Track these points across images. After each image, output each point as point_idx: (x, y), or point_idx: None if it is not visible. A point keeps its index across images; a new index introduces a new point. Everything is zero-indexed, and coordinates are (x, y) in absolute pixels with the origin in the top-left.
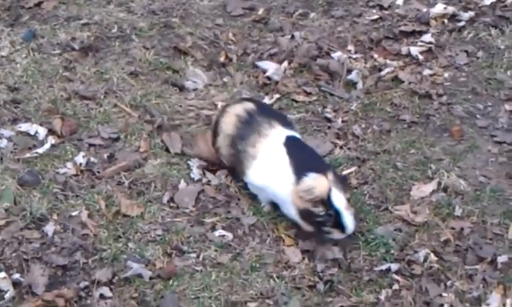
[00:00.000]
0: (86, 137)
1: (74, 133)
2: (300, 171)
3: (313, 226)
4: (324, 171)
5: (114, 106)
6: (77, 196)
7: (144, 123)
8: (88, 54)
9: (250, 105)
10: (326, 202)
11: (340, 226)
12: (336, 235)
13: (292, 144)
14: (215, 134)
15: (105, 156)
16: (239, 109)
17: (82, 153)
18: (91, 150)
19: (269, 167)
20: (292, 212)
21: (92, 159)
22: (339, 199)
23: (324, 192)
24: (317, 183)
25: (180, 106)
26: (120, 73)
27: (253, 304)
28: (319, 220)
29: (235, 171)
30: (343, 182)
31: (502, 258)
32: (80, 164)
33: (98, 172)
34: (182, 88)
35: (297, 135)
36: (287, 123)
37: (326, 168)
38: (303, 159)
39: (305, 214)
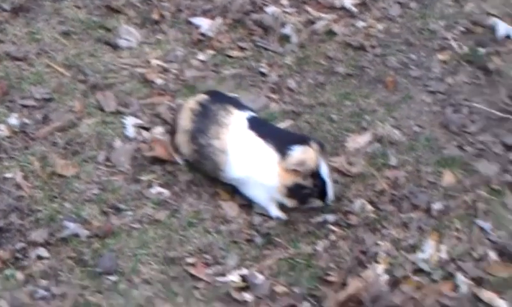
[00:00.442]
0: (19, 98)
1: (6, 95)
2: (282, 147)
3: (298, 199)
4: (307, 141)
5: (47, 66)
6: (11, 157)
7: (77, 82)
8: (18, 14)
9: (202, 97)
10: (315, 173)
11: (323, 195)
12: (317, 203)
13: (257, 125)
14: (173, 132)
15: (38, 117)
16: (192, 103)
17: (15, 115)
18: (24, 111)
19: (246, 156)
20: (275, 194)
21: (25, 120)
22: (325, 169)
23: (314, 162)
24: (307, 154)
25: (114, 65)
26: (52, 33)
27: (192, 259)
28: (307, 193)
29: (203, 168)
30: (324, 149)
31: (436, 206)
32: (14, 126)
33: (32, 133)
34: (115, 47)
35: (254, 114)
36: (241, 105)
37: (306, 138)
38: (278, 135)
39: (294, 189)
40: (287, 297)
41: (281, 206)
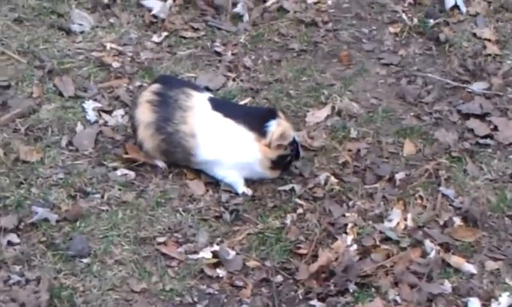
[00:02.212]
0: None
1: None
2: (255, 125)
3: (281, 168)
4: (275, 112)
5: (2, 54)
6: None
7: (34, 68)
8: None
9: (156, 86)
10: (293, 140)
11: (297, 155)
12: (294, 163)
13: (220, 106)
14: (134, 129)
15: None
16: (147, 95)
17: None
18: None
19: (217, 138)
20: (256, 169)
21: None
22: (294, 132)
23: (291, 131)
24: (284, 126)
25: (69, 50)
26: (4, 20)
27: (162, 238)
28: (288, 160)
29: (173, 158)
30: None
31: (399, 175)
32: None
33: None
34: (68, 32)
35: (211, 94)
36: (197, 87)
37: (272, 111)
38: (245, 113)
39: (278, 161)
40: (259, 271)
41: (247, 183)
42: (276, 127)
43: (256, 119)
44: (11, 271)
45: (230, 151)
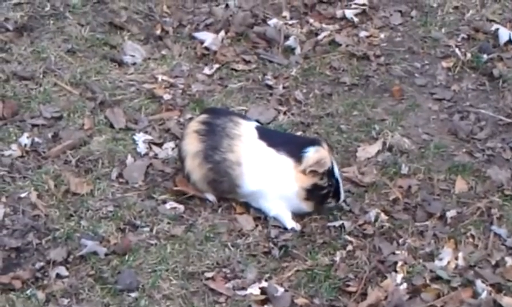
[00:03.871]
0: (29, 117)
1: (16, 115)
2: (294, 151)
3: (316, 201)
4: (317, 141)
5: (54, 85)
6: (24, 177)
7: (86, 100)
8: (22, 33)
9: (202, 117)
10: (330, 171)
11: (337, 193)
12: (332, 203)
13: (266, 134)
14: (181, 161)
15: (49, 135)
16: (194, 125)
17: (26, 134)
18: (35, 130)
19: (261, 166)
20: (294, 201)
21: (36, 139)
22: (336, 167)
23: (329, 160)
24: (322, 153)
25: (121, 81)
26: (57, 51)
27: (210, 273)
28: (324, 193)
29: (219, 188)
30: (331, 148)
31: (450, 213)
32: (25, 145)
33: (44, 152)
34: (120, 63)
35: (258, 124)
36: (244, 116)
37: (316, 139)
38: (287, 141)
39: (312, 191)
40: None
41: (296, 218)
42: (313, 153)
43: (296, 146)
44: (59, 304)
45: (272, 181)
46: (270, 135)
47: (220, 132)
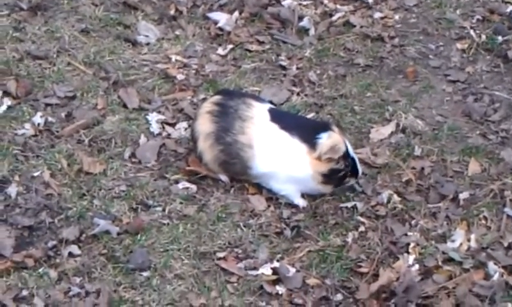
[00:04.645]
0: (42, 97)
1: (30, 94)
2: (308, 137)
3: (334, 183)
4: (329, 126)
5: (68, 64)
6: (37, 156)
7: (99, 80)
8: (36, 13)
9: (216, 98)
10: (345, 154)
11: (355, 172)
12: (351, 181)
13: (278, 117)
14: (194, 141)
15: (62, 115)
16: (207, 106)
17: (39, 113)
18: (48, 110)
19: (273, 149)
20: (309, 184)
21: (50, 119)
22: (350, 147)
23: (344, 145)
24: (336, 139)
25: (134, 61)
26: (71, 31)
27: (222, 253)
28: (341, 175)
29: (231, 170)
30: (342, 128)
31: (463, 195)
32: (39, 124)
33: (57, 131)
34: (134, 43)
35: (273, 106)
36: (258, 98)
37: (327, 124)
38: (300, 125)
39: (329, 175)
40: (319, 289)
41: (308, 198)
42: (326, 140)
43: (308, 132)
44: (72, 283)
45: (284, 164)
46: (282, 118)
47: (232, 113)
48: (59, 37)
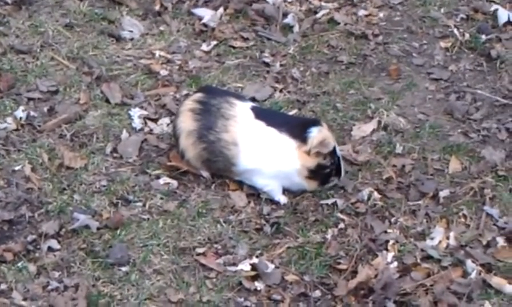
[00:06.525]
0: (25, 91)
1: (12, 88)
2: (297, 132)
3: (319, 180)
4: (318, 122)
5: (51, 59)
6: (19, 150)
7: (82, 74)
8: (21, 7)
9: (198, 95)
10: (333, 151)
11: (339, 171)
12: (335, 181)
13: (263, 115)
14: (176, 138)
15: (45, 109)
16: (189, 104)
17: (21, 108)
18: (31, 104)
19: (260, 146)
20: (295, 179)
21: (32, 113)
22: (337, 146)
23: (333, 141)
24: (326, 134)
25: (118, 56)
26: (55, 25)
27: (201, 249)
28: (327, 172)
29: (214, 167)
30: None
31: (443, 193)
32: (20, 119)
33: (39, 125)
34: (118, 38)
35: (254, 104)
36: (240, 97)
37: (315, 120)
38: (286, 122)
39: (315, 170)
40: (297, 285)
41: (289, 195)
42: (317, 134)
43: (298, 127)
44: (51, 277)
45: (271, 159)
46: (268, 116)
47: (215, 112)
48: (43, 31)
